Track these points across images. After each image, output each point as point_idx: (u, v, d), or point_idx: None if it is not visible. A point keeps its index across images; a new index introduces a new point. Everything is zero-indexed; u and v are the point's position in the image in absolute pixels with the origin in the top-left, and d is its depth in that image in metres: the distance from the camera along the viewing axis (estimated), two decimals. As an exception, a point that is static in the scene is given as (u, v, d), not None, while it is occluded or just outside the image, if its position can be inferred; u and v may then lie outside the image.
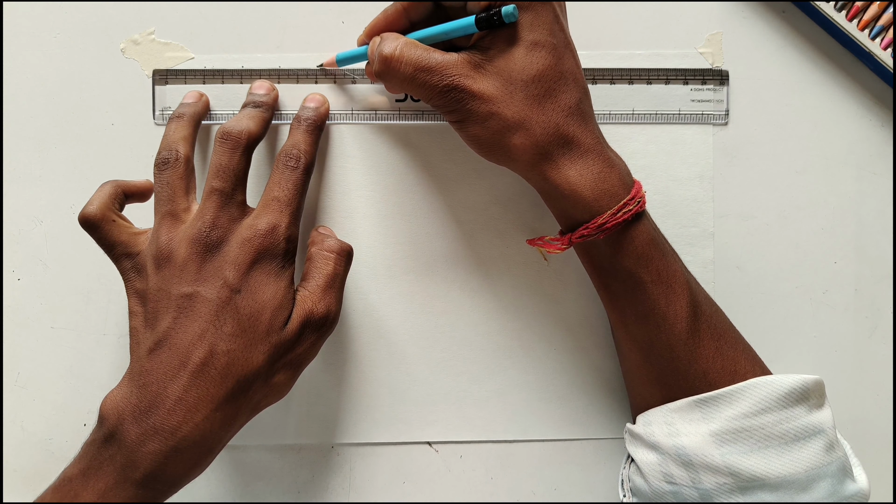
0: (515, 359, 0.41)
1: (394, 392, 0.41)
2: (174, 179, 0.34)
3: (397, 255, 0.41)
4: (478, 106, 0.33)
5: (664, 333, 0.35)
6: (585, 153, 0.34)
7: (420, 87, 0.34)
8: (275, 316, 0.33)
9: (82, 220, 0.34)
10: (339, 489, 0.41)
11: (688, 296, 0.35)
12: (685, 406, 0.34)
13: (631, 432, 0.37)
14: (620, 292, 0.35)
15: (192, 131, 0.37)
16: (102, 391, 0.40)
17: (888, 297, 0.42)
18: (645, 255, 0.34)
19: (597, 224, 0.33)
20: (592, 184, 0.34)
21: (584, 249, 0.36)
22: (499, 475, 0.41)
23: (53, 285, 0.41)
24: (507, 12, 0.32)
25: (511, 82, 0.33)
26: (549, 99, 0.33)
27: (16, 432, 0.41)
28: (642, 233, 0.34)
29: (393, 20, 0.36)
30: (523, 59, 0.33)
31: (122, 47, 0.41)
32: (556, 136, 0.34)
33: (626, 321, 0.36)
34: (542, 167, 0.34)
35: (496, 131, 0.34)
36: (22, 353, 0.41)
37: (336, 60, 0.39)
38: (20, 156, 0.41)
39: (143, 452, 0.31)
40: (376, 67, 0.35)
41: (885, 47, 0.40)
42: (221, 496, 0.41)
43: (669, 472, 0.34)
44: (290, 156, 0.35)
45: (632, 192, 0.34)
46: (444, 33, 0.35)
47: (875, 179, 0.42)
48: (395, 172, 0.41)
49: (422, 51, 0.34)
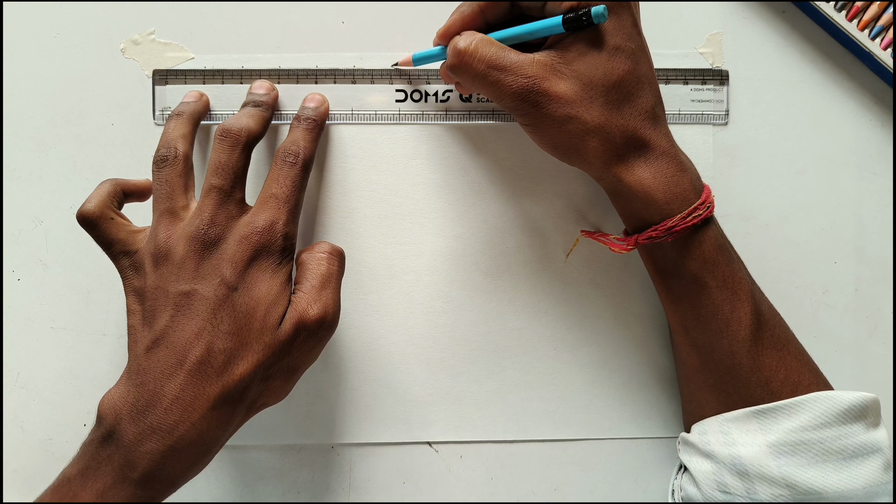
0: (515, 359, 0.41)
1: (394, 392, 0.41)
2: (173, 177, 0.34)
3: (397, 255, 0.41)
4: (556, 109, 0.33)
5: (726, 339, 0.34)
6: (660, 156, 0.34)
7: (491, 86, 0.34)
8: (268, 313, 0.32)
9: (80, 217, 0.34)
10: (339, 489, 0.41)
11: (752, 303, 0.35)
12: (742, 416, 0.34)
13: (684, 441, 0.37)
14: (683, 295, 0.35)
15: (192, 129, 0.36)
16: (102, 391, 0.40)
17: (888, 297, 0.42)
18: (711, 259, 0.34)
19: (666, 227, 0.34)
20: (665, 187, 0.34)
21: (648, 251, 0.36)
22: (499, 475, 0.41)
23: (53, 285, 0.41)
24: (597, 13, 0.32)
25: (591, 86, 0.33)
26: (627, 103, 0.34)
27: (16, 432, 0.41)
28: (710, 237, 0.34)
29: (469, 20, 0.36)
30: (605, 64, 0.33)
31: (122, 47, 0.41)
32: (633, 139, 0.34)
33: (686, 324, 0.36)
34: (616, 169, 0.34)
35: (574, 135, 0.34)
36: (22, 353, 0.41)
37: (412, 60, 0.39)
38: (20, 156, 0.41)
39: (141, 452, 0.31)
40: (449, 60, 0.35)
41: (885, 47, 0.40)
42: (221, 496, 0.41)
43: (724, 481, 0.34)
44: (288, 152, 0.35)
45: (702, 197, 0.34)
46: (528, 33, 0.34)
47: (875, 179, 0.42)
48: (395, 172, 0.41)
49: (497, 48, 0.33)
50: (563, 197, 0.41)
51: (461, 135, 0.41)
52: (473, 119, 0.41)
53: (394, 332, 0.41)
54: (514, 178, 0.41)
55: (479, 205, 0.41)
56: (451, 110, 0.41)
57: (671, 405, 0.41)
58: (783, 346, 0.35)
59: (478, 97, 0.40)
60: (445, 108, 0.41)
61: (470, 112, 0.41)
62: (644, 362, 0.41)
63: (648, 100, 0.34)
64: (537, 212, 0.41)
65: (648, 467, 0.41)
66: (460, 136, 0.41)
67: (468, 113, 0.41)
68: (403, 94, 0.40)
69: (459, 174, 0.41)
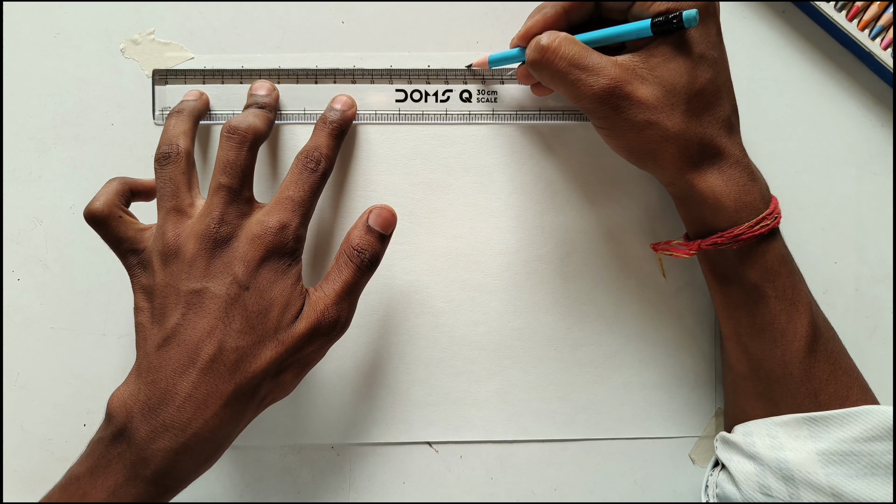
0: (515, 359, 0.41)
1: (394, 392, 0.41)
2: (176, 175, 0.34)
3: (397, 255, 0.41)
4: (636, 114, 0.33)
5: (780, 349, 0.35)
6: (733, 165, 0.34)
7: (571, 85, 0.33)
8: (283, 313, 0.33)
9: (88, 215, 0.34)
10: (339, 489, 0.41)
11: (810, 316, 0.35)
12: (792, 422, 0.34)
13: (725, 440, 0.37)
14: (740, 303, 0.35)
15: (192, 126, 0.36)
16: (102, 391, 0.40)
17: (888, 297, 0.42)
18: (773, 270, 0.34)
19: (733, 234, 0.34)
20: (736, 195, 0.34)
21: (709, 256, 0.36)
22: (499, 475, 0.41)
23: (53, 285, 0.41)
24: (689, 17, 0.31)
25: (673, 93, 0.33)
26: (706, 112, 0.34)
27: (15, 432, 0.41)
28: (774, 248, 0.35)
29: (552, 22, 0.35)
30: (690, 72, 0.33)
31: (121, 47, 0.41)
32: (709, 147, 0.34)
33: (739, 332, 0.36)
34: (689, 175, 0.34)
35: (652, 140, 0.34)
36: (22, 353, 0.41)
37: (488, 61, 0.39)
38: (20, 156, 0.41)
39: (154, 449, 0.31)
40: (531, 55, 0.34)
41: (885, 47, 0.40)
42: (221, 496, 0.41)
43: (767, 483, 0.34)
44: (310, 157, 0.35)
45: (770, 207, 0.34)
46: (613, 36, 0.34)
47: (875, 179, 0.42)
48: (395, 172, 0.41)
49: (580, 48, 0.33)
50: (564, 195, 0.41)
51: (461, 135, 0.41)
52: (472, 120, 0.41)
53: (394, 332, 0.41)
54: (514, 178, 0.41)
55: (479, 204, 0.41)
56: (451, 110, 0.41)
57: (671, 405, 0.41)
58: (835, 360, 0.35)
59: (478, 98, 0.40)
60: (445, 109, 0.41)
61: (470, 112, 0.41)
62: (644, 362, 0.41)
63: (726, 108, 0.34)
64: (537, 211, 0.41)
65: (648, 467, 0.41)
66: (460, 136, 0.41)
67: (468, 113, 0.41)
68: (403, 94, 0.40)
69: (459, 174, 0.41)
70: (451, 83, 0.40)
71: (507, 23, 0.41)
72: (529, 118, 0.41)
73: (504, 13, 0.41)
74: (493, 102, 0.40)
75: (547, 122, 0.41)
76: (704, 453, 0.42)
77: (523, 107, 0.40)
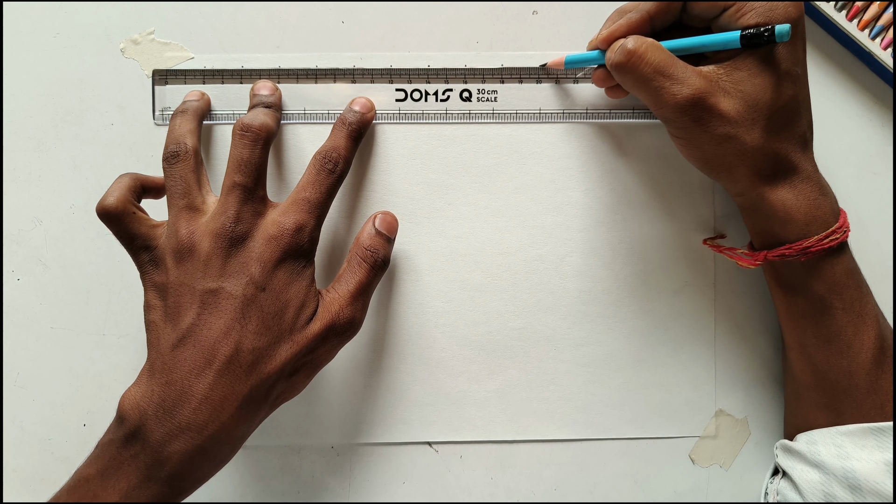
0: (515, 359, 0.41)
1: (394, 392, 0.41)
2: (186, 173, 0.34)
3: (398, 255, 0.41)
4: (717, 127, 0.33)
5: (846, 360, 0.35)
6: (805, 179, 0.34)
7: (654, 92, 0.33)
8: (298, 314, 0.33)
9: (101, 211, 0.33)
10: (339, 489, 0.41)
11: (877, 329, 0.35)
12: (858, 431, 0.34)
13: (787, 448, 0.37)
14: (806, 313, 0.35)
15: (198, 125, 0.36)
16: (102, 391, 0.40)
17: (888, 297, 0.42)
18: (840, 283, 0.35)
19: (802, 247, 0.34)
20: (807, 209, 0.34)
21: (774, 267, 0.36)
22: (499, 475, 0.41)
23: (53, 285, 0.41)
24: (782, 31, 0.31)
25: (756, 108, 0.33)
26: (785, 128, 0.34)
27: (15, 432, 0.41)
28: (842, 262, 0.35)
29: (636, 27, 0.35)
30: (774, 88, 0.33)
31: (121, 47, 0.41)
32: (784, 162, 0.34)
33: (804, 342, 0.36)
34: (761, 188, 0.34)
35: (729, 153, 0.34)
36: (22, 353, 0.41)
37: (565, 62, 0.38)
38: (20, 156, 0.41)
39: (170, 451, 0.30)
40: (617, 58, 0.33)
41: (885, 47, 0.40)
42: (221, 496, 0.41)
43: (832, 492, 0.34)
44: (328, 158, 0.35)
45: (839, 221, 0.34)
46: (700, 46, 0.33)
47: (875, 179, 0.42)
48: (395, 172, 0.41)
49: (666, 55, 0.33)
50: (564, 194, 0.41)
51: (461, 135, 0.41)
52: (472, 120, 0.41)
53: (394, 332, 0.41)
54: (514, 178, 0.41)
55: (479, 204, 0.41)
56: (451, 110, 0.41)
57: (671, 405, 0.41)
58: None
59: (477, 98, 0.40)
60: (445, 108, 0.41)
61: (470, 112, 0.41)
62: (645, 362, 0.41)
63: (803, 125, 0.34)
64: (537, 211, 0.41)
65: (648, 467, 0.41)
66: (460, 136, 0.41)
67: (468, 113, 0.41)
68: (403, 94, 0.40)
69: (459, 174, 0.41)
70: (451, 83, 0.40)
71: (507, 23, 0.41)
72: (529, 118, 0.41)
73: (504, 13, 0.41)
74: (494, 102, 0.40)
75: (547, 123, 0.41)
76: (704, 453, 0.42)
77: (522, 107, 0.40)
